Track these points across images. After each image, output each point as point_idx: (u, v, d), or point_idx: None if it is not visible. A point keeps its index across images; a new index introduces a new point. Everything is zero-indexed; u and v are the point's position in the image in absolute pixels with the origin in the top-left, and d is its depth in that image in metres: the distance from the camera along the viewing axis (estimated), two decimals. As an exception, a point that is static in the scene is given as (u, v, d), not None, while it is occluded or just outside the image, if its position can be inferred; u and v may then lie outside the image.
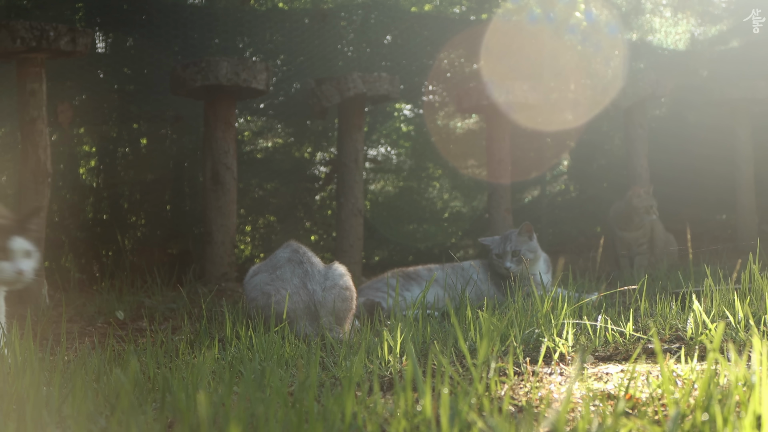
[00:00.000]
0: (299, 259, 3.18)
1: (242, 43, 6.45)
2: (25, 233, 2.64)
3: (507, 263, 3.94)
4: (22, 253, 2.60)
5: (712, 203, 7.56)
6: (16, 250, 2.58)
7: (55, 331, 3.31)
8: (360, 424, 1.46)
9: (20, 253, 2.59)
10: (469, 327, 2.43)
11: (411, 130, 7.64)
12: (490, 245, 4.07)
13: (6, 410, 1.65)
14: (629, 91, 6.04)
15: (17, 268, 2.57)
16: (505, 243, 3.99)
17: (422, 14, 7.14)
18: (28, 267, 2.60)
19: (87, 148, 6.51)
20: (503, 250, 3.98)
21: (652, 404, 1.58)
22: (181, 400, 1.56)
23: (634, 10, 7.64)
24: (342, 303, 3.11)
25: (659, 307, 2.68)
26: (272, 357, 2.31)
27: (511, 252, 3.95)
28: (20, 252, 2.59)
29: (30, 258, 2.64)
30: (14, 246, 2.59)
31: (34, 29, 4.17)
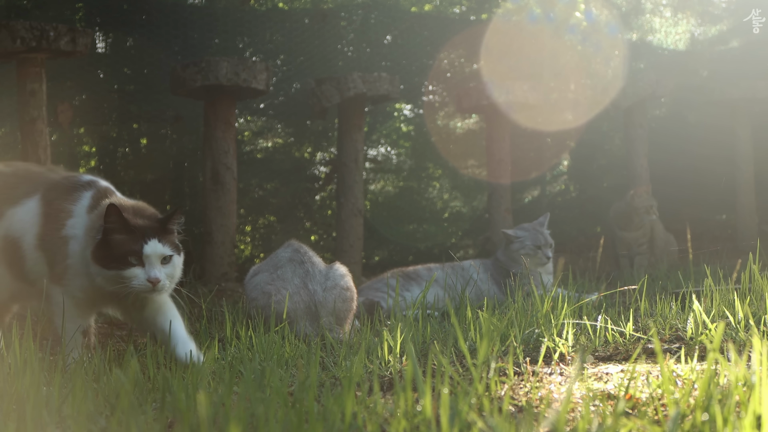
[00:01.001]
0: (300, 258, 3.18)
1: (242, 43, 6.45)
2: (163, 236, 2.39)
3: (549, 253, 4.09)
4: (158, 259, 2.36)
5: (712, 203, 7.55)
6: (150, 255, 2.35)
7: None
8: (360, 424, 1.46)
9: (155, 259, 2.35)
10: (469, 327, 2.43)
11: (411, 130, 7.64)
12: (520, 237, 4.09)
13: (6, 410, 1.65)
14: (629, 91, 6.04)
15: (151, 276, 2.34)
16: (539, 235, 4.10)
17: (422, 14, 7.14)
18: (162, 275, 2.36)
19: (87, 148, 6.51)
20: (545, 242, 4.08)
21: (652, 404, 1.58)
22: (181, 400, 1.56)
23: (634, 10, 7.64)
24: (342, 303, 3.10)
25: (659, 307, 2.68)
26: (272, 357, 2.31)
27: (549, 245, 4.10)
28: (155, 257, 2.35)
29: (168, 264, 2.39)
30: (148, 250, 2.35)
31: (34, 29, 4.17)
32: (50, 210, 2.48)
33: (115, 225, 2.33)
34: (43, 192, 2.53)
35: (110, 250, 2.33)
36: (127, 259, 2.33)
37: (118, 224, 2.33)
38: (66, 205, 2.47)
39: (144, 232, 2.35)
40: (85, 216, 2.45)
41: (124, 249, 2.33)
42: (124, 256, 2.32)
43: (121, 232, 2.34)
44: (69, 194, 2.50)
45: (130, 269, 2.33)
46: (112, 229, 2.33)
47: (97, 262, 2.35)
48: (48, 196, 2.51)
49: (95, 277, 2.38)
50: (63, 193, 2.51)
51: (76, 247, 2.43)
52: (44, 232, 2.48)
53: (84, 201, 2.48)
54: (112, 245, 2.33)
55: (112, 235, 2.33)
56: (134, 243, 2.33)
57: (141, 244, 2.33)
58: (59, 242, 2.44)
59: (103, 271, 2.34)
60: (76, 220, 2.45)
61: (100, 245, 2.35)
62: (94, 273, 2.37)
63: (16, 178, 2.61)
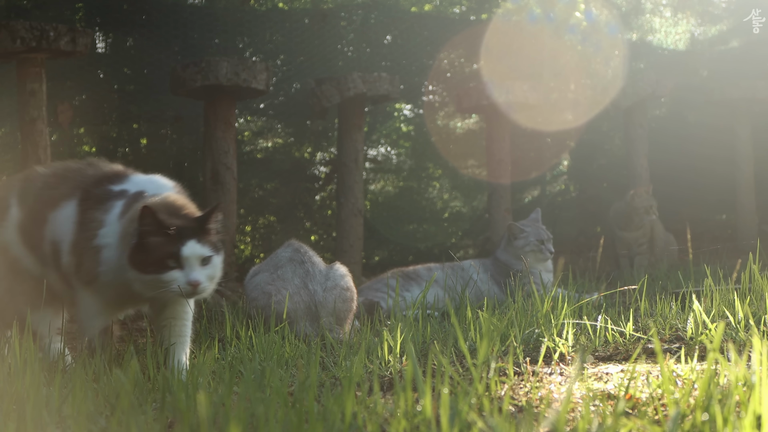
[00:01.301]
0: (300, 258, 3.18)
1: (242, 43, 6.45)
2: (202, 236, 2.28)
3: (552, 248, 4.09)
4: (197, 260, 2.25)
5: (712, 203, 7.55)
6: (189, 257, 2.24)
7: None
8: (360, 424, 1.46)
9: (195, 260, 2.25)
10: (469, 327, 2.43)
11: (411, 130, 7.64)
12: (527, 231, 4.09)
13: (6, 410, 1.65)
14: (629, 91, 6.04)
15: (191, 279, 2.23)
16: (540, 230, 4.11)
17: (422, 14, 7.13)
18: (203, 277, 2.26)
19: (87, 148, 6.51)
20: (546, 236, 4.10)
21: (652, 404, 1.58)
22: (181, 400, 1.56)
23: (634, 10, 7.64)
24: (343, 304, 3.10)
25: (659, 307, 2.68)
26: (272, 357, 2.31)
27: (550, 239, 4.12)
28: (195, 259, 2.25)
29: (208, 265, 2.28)
30: (186, 252, 2.24)
31: (34, 29, 4.17)
32: (83, 219, 2.41)
33: (150, 227, 2.24)
34: (79, 199, 2.46)
35: (147, 254, 2.24)
36: (166, 262, 2.23)
37: (154, 226, 2.24)
38: (97, 214, 2.40)
39: (181, 233, 2.25)
40: (116, 223, 2.37)
41: (162, 252, 2.23)
42: (162, 259, 2.23)
43: (157, 234, 2.24)
44: (101, 204, 2.42)
45: (168, 273, 2.23)
46: (148, 231, 2.24)
47: (135, 267, 2.26)
48: (83, 205, 2.44)
49: (133, 283, 2.29)
50: (95, 203, 2.43)
51: (111, 256, 2.34)
52: (77, 239, 2.41)
53: (116, 209, 2.40)
54: (149, 249, 2.24)
55: (148, 238, 2.24)
56: (172, 245, 2.23)
57: (179, 246, 2.23)
58: (92, 251, 2.36)
59: (141, 276, 2.26)
60: (108, 229, 2.37)
61: (137, 249, 2.26)
62: (131, 279, 2.28)
63: (56, 179, 2.54)
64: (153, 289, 2.27)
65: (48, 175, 2.57)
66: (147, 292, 2.30)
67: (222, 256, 2.34)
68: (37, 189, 2.55)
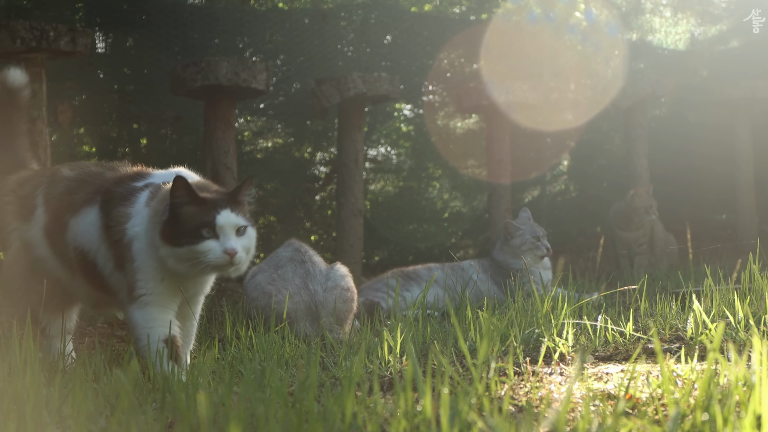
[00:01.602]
0: (301, 258, 3.18)
1: (242, 43, 6.45)
2: (236, 206, 2.23)
3: (548, 244, 4.09)
4: (233, 229, 2.19)
5: (712, 203, 7.56)
6: (224, 225, 2.18)
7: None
8: (360, 424, 1.46)
9: (230, 229, 2.18)
10: (469, 327, 2.43)
11: (411, 130, 7.64)
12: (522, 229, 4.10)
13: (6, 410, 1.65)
14: (629, 91, 6.04)
15: (227, 247, 2.16)
16: (534, 227, 4.12)
17: (422, 14, 7.14)
18: (239, 246, 2.19)
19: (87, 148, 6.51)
20: (542, 232, 4.11)
21: (652, 404, 1.58)
22: (181, 400, 1.56)
23: (634, 10, 7.64)
24: (343, 304, 3.10)
25: (659, 307, 2.68)
26: (272, 357, 2.31)
27: (545, 235, 4.12)
28: (230, 227, 2.18)
29: (243, 236, 2.23)
30: (221, 221, 2.18)
31: (34, 29, 4.17)
32: (108, 220, 2.36)
33: (183, 198, 2.18)
34: (101, 203, 2.41)
35: (180, 225, 2.17)
36: (200, 232, 2.17)
37: (187, 197, 2.18)
38: (123, 209, 2.35)
39: (215, 203, 2.20)
40: (144, 210, 2.31)
41: (196, 221, 2.17)
42: (196, 229, 2.16)
43: (190, 204, 2.18)
44: (125, 199, 2.38)
45: (203, 242, 2.16)
46: (181, 203, 2.18)
47: (167, 241, 2.19)
48: (105, 206, 2.39)
49: (166, 260, 2.21)
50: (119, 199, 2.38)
51: (141, 245, 2.29)
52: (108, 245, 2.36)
53: (141, 199, 2.35)
54: (182, 220, 2.17)
55: (181, 209, 2.18)
56: (206, 214, 2.17)
57: (213, 215, 2.17)
58: (123, 250, 2.32)
59: (175, 250, 2.18)
60: (135, 219, 2.32)
61: (169, 223, 2.19)
62: (164, 256, 2.21)
63: (76, 183, 2.50)
64: (187, 264, 2.19)
65: (70, 179, 2.52)
66: (181, 268, 2.21)
67: (255, 230, 2.29)
68: (60, 193, 2.51)
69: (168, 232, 2.19)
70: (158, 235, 2.21)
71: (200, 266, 2.19)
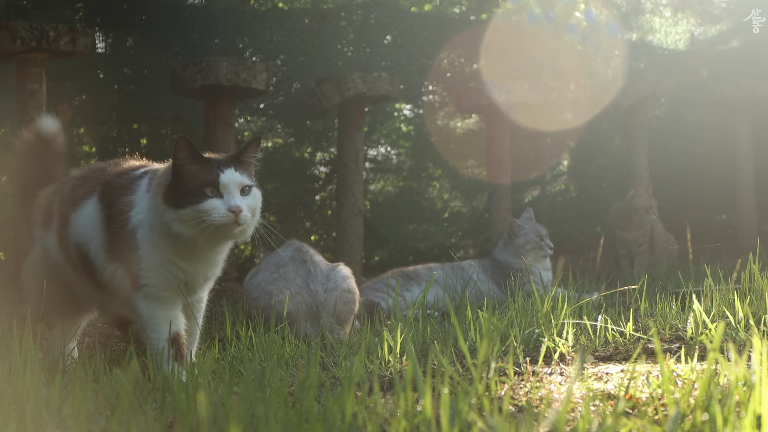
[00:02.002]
0: (302, 258, 3.17)
1: (242, 43, 6.45)
2: (240, 165, 2.20)
3: (551, 243, 4.12)
4: (237, 188, 2.16)
5: (712, 203, 7.56)
6: (228, 183, 2.15)
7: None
8: (360, 424, 1.46)
9: (234, 187, 2.15)
10: (469, 327, 2.43)
11: (411, 130, 7.64)
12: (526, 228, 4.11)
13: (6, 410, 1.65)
14: (629, 91, 6.04)
15: (231, 204, 2.12)
16: (537, 226, 4.15)
17: (422, 14, 7.13)
18: (244, 205, 2.15)
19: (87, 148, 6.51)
20: (545, 232, 4.14)
21: (652, 404, 1.58)
22: (181, 400, 1.56)
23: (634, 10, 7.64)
24: (344, 305, 3.09)
25: (659, 307, 2.68)
26: (272, 357, 2.31)
27: (547, 235, 4.15)
28: (234, 186, 2.15)
29: (248, 195, 2.19)
30: (225, 179, 2.15)
31: (34, 29, 4.17)
32: (111, 212, 2.33)
33: (186, 159, 2.16)
34: (99, 193, 2.38)
35: (183, 185, 2.14)
36: (203, 191, 2.14)
37: (190, 157, 2.16)
38: (125, 198, 2.32)
39: (219, 162, 2.17)
40: (145, 197, 2.29)
41: (199, 180, 2.14)
42: (199, 188, 2.13)
43: (193, 164, 2.16)
44: (126, 188, 2.35)
45: (207, 201, 2.13)
46: (184, 164, 2.16)
47: (170, 203, 2.15)
48: (106, 198, 2.36)
49: (171, 224, 2.16)
50: (120, 189, 2.36)
51: (145, 234, 2.25)
52: (110, 238, 2.32)
53: (142, 187, 2.32)
54: (185, 180, 2.15)
55: (183, 169, 2.15)
56: (209, 173, 2.14)
57: (217, 173, 2.14)
58: (127, 238, 2.28)
59: (178, 211, 2.14)
60: (138, 207, 2.29)
61: (172, 185, 2.16)
62: (169, 220, 2.16)
63: (80, 180, 2.49)
64: (191, 225, 2.14)
65: (76, 177, 2.52)
66: (186, 231, 2.16)
67: (260, 192, 2.25)
68: (66, 192, 2.50)
69: (171, 194, 2.16)
70: (161, 198, 2.18)
71: (204, 225, 2.13)
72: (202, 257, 2.29)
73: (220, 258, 2.37)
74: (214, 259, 2.34)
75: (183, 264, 2.27)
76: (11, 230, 4.94)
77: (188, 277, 2.30)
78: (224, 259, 2.43)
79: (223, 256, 2.38)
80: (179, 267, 2.27)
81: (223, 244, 2.30)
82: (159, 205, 2.19)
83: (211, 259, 2.33)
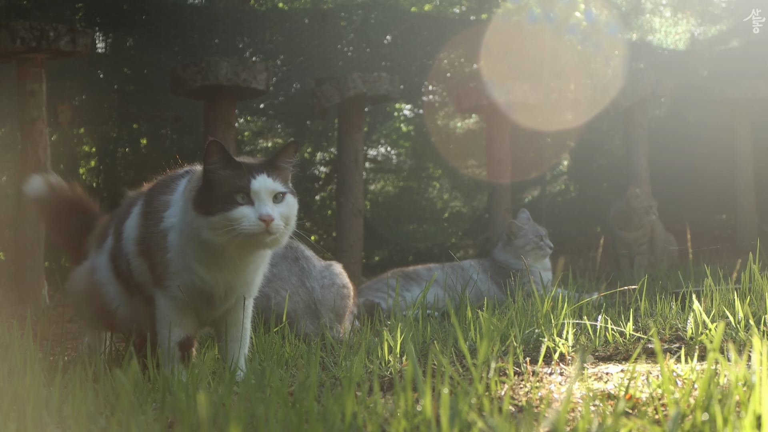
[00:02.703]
0: (294, 255, 3.15)
1: (242, 43, 6.45)
2: (273, 171, 2.09)
3: (550, 243, 4.13)
4: (269, 195, 2.06)
5: (712, 203, 7.56)
6: (259, 190, 2.05)
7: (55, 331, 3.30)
8: (360, 424, 1.46)
9: (266, 195, 2.05)
10: (469, 327, 2.43)
11: (411, 130, 7.64)
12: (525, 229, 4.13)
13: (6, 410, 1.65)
14: (629, 91, 6.04)
15: (262, 213, 2.02)
16: (536, 226, 4.16)
17: (422, 14, 7.14)
18: (276, 213, 2.05)
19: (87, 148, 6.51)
20: (544, 232, 4.15)
21: (652, 404, 1.58)
22: (181, 400, 1.56)
23: (634, 10, 7.64)
24: (341, 300, 3.11)
25: (659, 307, 2.68)
26: (272, 357, 2.31)
27: (547, 235, 4.16)
28: (266, 193, 2.05)
29: (281, 203, 2.09)
30: (256, 186, 2.05)
31: (34, 29, 4.17)
32: (149, 208, 2.27)
33: (217, 164, 2.07)
34: (145, 194, 2.34)
35: (213, 191, 2.06)
36: (233, 197, 2.04)
37: (222, 162, 2.07)
38: (163, 197, 2.27)
39: (251, 168, 2.07)
40: (180, 198, 2.21)
41: (230, 187, 2.05)
42: (230, 194, 2.04)
43: (225, 169, 2.07)
44: (167, 186, 2.29)
45: (237, 209, 2.03)
46: (214, 169, 2.07)
47: (200, 210, 2.07)
48: (148, 196, 2.32)
49: (200, 231, 2.09)
50: (161, 188, 2.30)
51: (175, 238, 2.19)
52: (142, 233, 2.26)
53: (180, 187, 2.25)
54: (215, 186, 2.06)
55: (214, 174, 2.07)
56: (240, 179, 2.05)
57: (248, 179, 2.04)
58: (158, 237, 2.22)
59: (208, 218, 2.06)
60: (173, 209, 2.22)
61: (202, 191, 2.08)
62: (198, 227, 2.09)
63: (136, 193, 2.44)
64: (220, 233, 2.07)
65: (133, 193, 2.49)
66: (216, 238, 2.08)
67: (296, 199, 2.15)
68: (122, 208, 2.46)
69: (201, 200, 2.09)
70: (191, 204, 2.12)
71: (234, 234, 2.06)
72: (228, 266, 2.20)
73: (252, 269, 2.26)
74: (244, 269, 2.24)
75: (204, 272, 2.20)
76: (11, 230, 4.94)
77: (206, 286, 2.22)
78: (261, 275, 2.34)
79: (256, 268, 2.28)
80: (199, 276, 2.20)
81: (255, 254, 2.20)
82: (189, 211, 2.13)
83: (241, 270, 2.23)
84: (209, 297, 2.25)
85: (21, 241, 4.32)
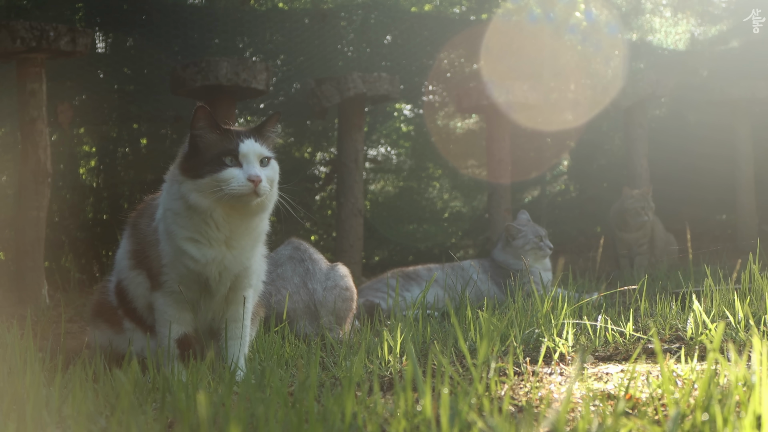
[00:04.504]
0: (300, 257, 3.17)
1: (242, 43, 6.45)
2: (260, 137, 2.18)
3: (550, 243, 4.13)
4: (256, 158, 2.13)
5: (712, 203, 7.56)
6: (247, 153, 2.12)
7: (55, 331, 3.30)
8: (360, 424, 1.46)
9: (254, 157, 2.12)
10: (469, 327, 2.43)
11: (411, 130, 7.64)
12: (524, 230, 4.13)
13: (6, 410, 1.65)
14: (629, 91, 6.04)
15: (251, 174, 2.08)
16: (535, 227, 4.17)
17: (422, 14, 7.13)
18: (263, 175, 2.11)
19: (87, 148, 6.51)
20: (544, 232, 4.15)
21: (652, 404, 1.58)
22: (181, 400, 1.56)
23: (634, 10, 7.64)
24: (343, 303, 3.11)
25: (659, 307, 2.68)
26: (272, 357, 2.31)
27: (546, 235, 4.16)
28: (253, 155, 2.12)
29: (267, 166, 2.16)
30: (244, 149, 2.12)
31: (34, 29, 4.17)
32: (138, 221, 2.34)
33: (205, 128, 2.14)
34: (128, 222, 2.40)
35: (201, 155, 2.11)
36: (222, 159, 2.10)
37: (209, 127, 2.14)
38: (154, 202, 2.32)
39: (238, 132, 2.15)
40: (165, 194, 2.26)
41: (218, 149, 2.11)
42: (218, 157, 2.10)
43: (212, 133, 2.14)
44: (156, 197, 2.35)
45: (226, 170, 2.09)
46: (202, 134, 2.14)
47: (188, 174, 2.12)
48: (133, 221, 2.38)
49: (188, 196, 2.13)
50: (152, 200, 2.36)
51: (163, 226, 2.23)
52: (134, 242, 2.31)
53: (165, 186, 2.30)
54: (203, 149, 2.12)
55: (202, 139, 2.14)
56: (229, 142, 2.11)
57: (237, 142, 2.11)
58: (150, 234, 2.26)
59: (196, 181, 2.11)
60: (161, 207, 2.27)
61: (189, 155, 2.14)
62: (186, 191, 2.13)
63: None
64: (209, 194, 2.10)
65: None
66: (204, 201, 2.12)
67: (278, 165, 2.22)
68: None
69: (189, 164, 2.14)
70: (179, 169, 2.15)
71: (221, 194, 2.09)
72: (218, 238, 2.20)
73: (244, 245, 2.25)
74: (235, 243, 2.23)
75: (194, 250, 2.19)
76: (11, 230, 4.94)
77: (199, 267, 2.21)
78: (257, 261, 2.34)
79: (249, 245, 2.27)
80: (191, 255, 2.19)
81: (243, 220, 2.20)
82: (176, 176, 2.16)
83: (231, 243, 2.22)
84: (205, 282, 2.25)
85: (21, 241, 4.32)
